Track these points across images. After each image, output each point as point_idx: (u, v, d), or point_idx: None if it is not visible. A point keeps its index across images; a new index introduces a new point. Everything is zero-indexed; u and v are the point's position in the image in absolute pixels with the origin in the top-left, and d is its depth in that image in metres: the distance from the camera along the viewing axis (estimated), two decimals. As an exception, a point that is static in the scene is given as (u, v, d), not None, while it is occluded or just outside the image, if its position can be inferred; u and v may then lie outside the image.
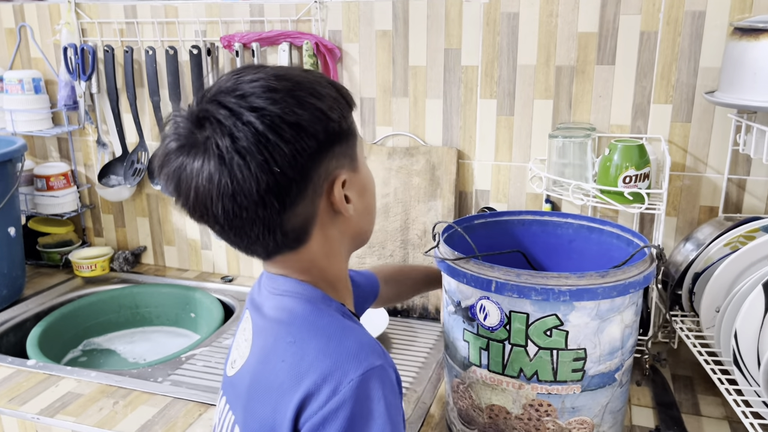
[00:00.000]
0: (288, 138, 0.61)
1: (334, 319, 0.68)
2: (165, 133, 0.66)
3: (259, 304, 0.74)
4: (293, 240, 0.68)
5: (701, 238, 1.18)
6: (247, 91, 0.62)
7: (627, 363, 0.95)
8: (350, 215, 0.70)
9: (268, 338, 0.69)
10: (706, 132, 1.28)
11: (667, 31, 1.26)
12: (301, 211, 0.66)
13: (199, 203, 0.63)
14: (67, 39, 1.62)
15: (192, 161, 0.62)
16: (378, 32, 1.43)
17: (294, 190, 0.64)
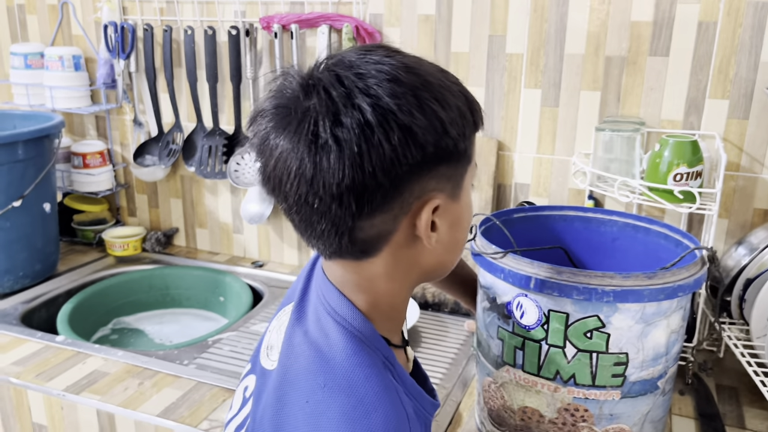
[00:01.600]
0: (394, 139, 0.54)
1: (372, 377, 0.60)
2: (270, 88, 0.60)
3: (304, 307, 0.67)
4: (359, 251, 0.60)
5: (755, 242, 1.11)
6: (370, 72, 0.56)
7: (671, 371, 0.90)
8: (431, 245, 0.61)
9: (300, 359, 0.62)
10: (765, 130, 1.21)
11: (728, 22, 1.18)
12: (378, 224, 0.58)
13: (275, 175, 0.57)
14: (108, 17, 1.62)
15: (282, 129, 0.56)
16: (420, 17, 1.39)
17: (378, 198, 0.56)
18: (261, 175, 0.60)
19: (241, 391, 0.72)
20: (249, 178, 1.57)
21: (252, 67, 1.53)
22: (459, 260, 0.70)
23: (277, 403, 0.61)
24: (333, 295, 0.64)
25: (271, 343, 0.69)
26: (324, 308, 0.64)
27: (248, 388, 0.70)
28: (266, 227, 1.67)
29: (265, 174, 0.59)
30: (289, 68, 0.60)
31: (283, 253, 1.68)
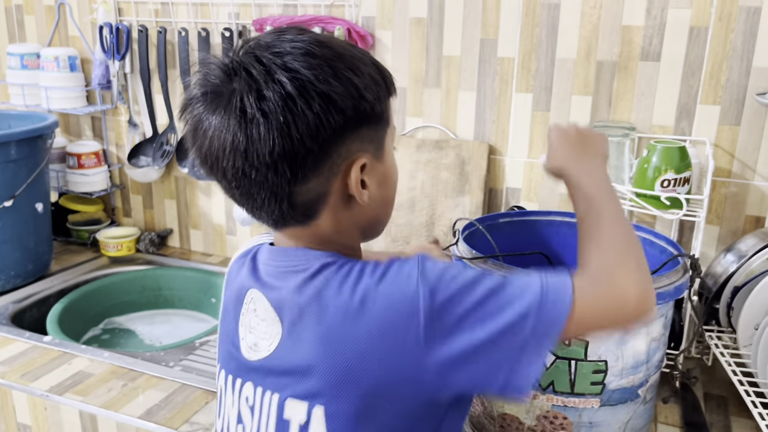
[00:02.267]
0: (315, 107, 0.59)
1: (363, 263, 0.65)
2: (195, 78, 0.64)
3: (271, 285, 0.67)
4: (301, 214, 0.65)
5: (744, 249, 1.10)
6: (286, 50, 0.60)
7: (652, 378, 0.89)
8: (364, 202, 0.66)
9: (313, 308, 0.63)
10: (756, 137, 1.19)
11: (719, 27, 1.17)
12: (313, 187, 0.63)
13: (211, 154, 0.62)
14: (104, 18, 1.62)
15: (212, 111, 0.61)
16: (412, 20, 1.39)
17: (309, 163, 0.61)
18: (197, 156, 0.64)
19: (244, 405, 0.69)
20: (241, 179, 1.57)
21: (245, 69, 1.52)
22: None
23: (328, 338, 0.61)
24: (296, 254, 0.67)
25: (254, 341, 0.68)
26: (296, 270, 0.66)
27: (249, 397, 0.68)
28: (260, 229, 1.67)
29: (201, 155, 0.64)
30: (209, 57, 0.64)
31: (276, 256, 1.67)
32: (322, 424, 0.61)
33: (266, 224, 0.68)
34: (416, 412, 0.62)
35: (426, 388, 0.60)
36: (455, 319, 0.59)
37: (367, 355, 0.60)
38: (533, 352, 0.60)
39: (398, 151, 1.44)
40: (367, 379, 0.60)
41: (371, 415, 0.61)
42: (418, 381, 0.60)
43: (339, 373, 0.60)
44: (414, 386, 0.60)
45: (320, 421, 0.62)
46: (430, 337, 0.59)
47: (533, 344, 0.60)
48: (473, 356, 0.59)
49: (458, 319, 0.59)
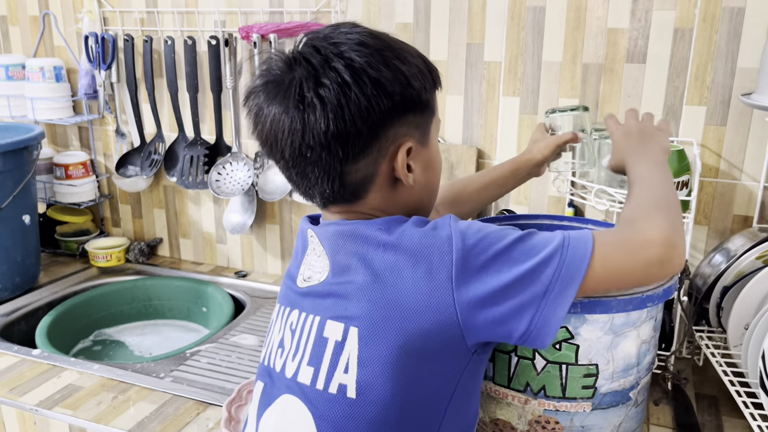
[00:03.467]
0: (367, 91, 0.66)
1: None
2: (260, 70, 0.71)
3: (323, 225, 0.75)
4: (350, 193, 0.71)
5: (732, 249, 1.10)
6: (342, 41, 0.67)
7: (643, 381, 0.89)
8: (410, 185, 0.72)
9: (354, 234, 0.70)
10: (743, 136, 1.20)
11: (704, 28, 1.18)
12: (363, 167, 0.69)
13: (271, 135, 0.69)
14: (89, 27, 1.61)
15: (273, 97, 0.68)
16: (399, 25, 1.39)
17: (360, 144, 0.67)
18: (258, 139, 0.72)
19: (287, 330, 0.75)
20: (230, 187, 1.57)
21: (232, 77, 1.52)
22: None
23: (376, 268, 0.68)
24: (344, 221, 0.73)
25: (309, 274, 0.75)
26: (346, 224, 0.72)
27: (293, 322, 0.74)
28: (249, 237, 1.66)
29: (262, 137, 0.71)
30: (272, 51, 0.73)
31: (267, 263, 1.67)
32: (355, 343, 0.66)
33: (317, 203, 0.74)
34: (441, 348, 0.66)
35: (452, 325, 0.64)
36: (483, 261, 0.65)
37: (400, 285, 0.65)
38: (557, 298, 0.64)
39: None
40: (399, 307, 0.65)
41: (400, 343, 0.65)
42: (446, 317, 0.64)
43: (373, 299, 0.66)
44: (441, 321, 0.64)
45: (354, 341, 0.67)
46: (460, 276, 0.64)
47: (557, 289, 0.64)
48: (500, 298, 0.64)
49: (486, 262, 0.65)
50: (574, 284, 0.64)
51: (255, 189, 1.57)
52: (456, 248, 0.65)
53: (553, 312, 0.64)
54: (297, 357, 0.71)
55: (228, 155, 1.58)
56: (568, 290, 0.65)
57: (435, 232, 0.67)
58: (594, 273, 0.65)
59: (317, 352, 0.69)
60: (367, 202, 0.72)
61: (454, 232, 0.66)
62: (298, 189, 0.74)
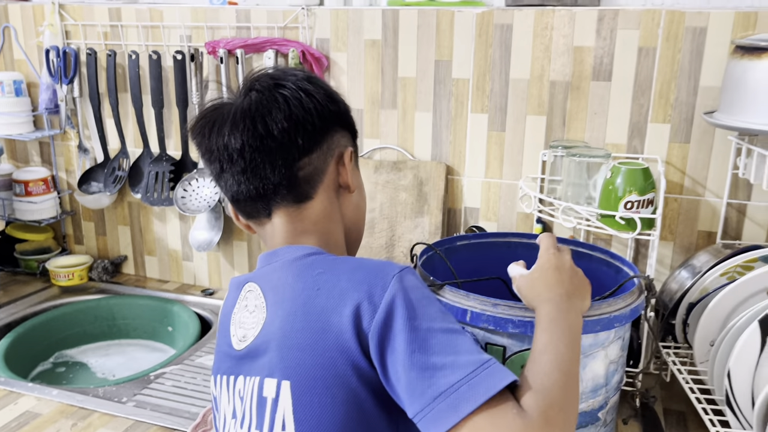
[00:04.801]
0: (320, 93, 0.75)
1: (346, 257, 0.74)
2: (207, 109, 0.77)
3: (262, 277, 0.75)
4: (301, 190, 0.74)
5: (697, 266, 1.11)
6: (287, 70, 0.77)
7: (612, 401, 0.89)
8: (351, 194, 0.79)
9: (288, 287, 0.70)
10: (706, 154, 1.22)
11: (667, 48, 1.20)
12: (314, 160, 0.74)
13: (227, 133, 0.73)
14: (50, 41, 1.58)
15: (233, 101, 0.75)
16: (367, 41, 1.38)
17: (314, 136, 0.73)
18: (209, 145, 0.75)
19: (237, 398, 0.72)
20: (196, 204, 1.54)
21: (198, 92, 1.50)
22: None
23: (291, 318, 0.67)
24: (286, 250, 0.74)
25: (243, 334, 0.73)
26: (286, 261, 0.73)
27: (241, 389, 0.71)
28: (216, 254, 1.64)
29: (215, 141, 0.74)
30: (214, 100, 0.78)
31: (234, 281, 1.64)
32: (288, 397, 0.65)
33: (262, 211, 0.76)
34: (367, 404, 0.64)
35: (364, 375, 0.63)
36: (406, 330, 0.61)
37: (321, 329, 0.64)
38: (447, 408, 0.57)
39: (356, 172, 1.43)
40: (318, 353, 0.64)
41: (327, 392, 0.63)
42: (358, 366, 0.63)
43: (294, 345, 0.65)
44: (354, 371, 0.63)
45: (287, 395, 0.65)
46: (379, 331, 0.62)
47: (449, 401, 0.57)
48: (400, 372, 0.60)
49: (408, 331, 0.61)
50: (465, 409, 0.57)
51: (222, 205, 1.55)
52: (386, 303, 0.63)
53: (437, 418, 0.57)
54: (245, 423, 0.69)
55: (194, 171, 1.55)
56: (460, 408, 0.57)
57: (373, 277, 0.65)
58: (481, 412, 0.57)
59: (260, 414, 0.67)
60: (313, 205, 0.75)
61: (393, 285, 0.64)
62: (245, 194, 0.74)
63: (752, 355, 0.88)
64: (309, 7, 1.40)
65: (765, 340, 0.87)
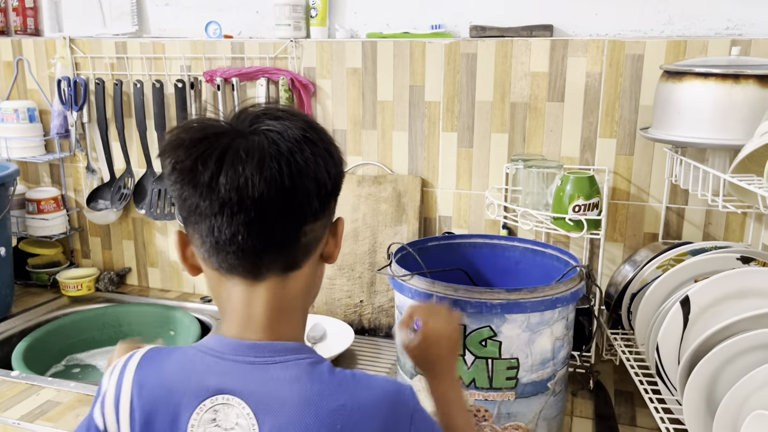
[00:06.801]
0: (337, 157, 0.70)
1: (348, 370, 0.68)
2: (188, 127, 0.66)
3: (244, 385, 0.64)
4: (292, 261, 0.67)
5: (638, 260, 1.27)
6: (311, 123, 0.69)
7: (559, 373, 1.04)
8: (326, 263, 0.73)
9: (297, 420, 0.62)
10: (647, 164, 1.38)
11: (610, 73, 1.37)
12: (317, 228, 0.68)
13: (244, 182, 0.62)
14: (62, 72, 1.73)
15: (246, 141, 0.63)
16: (349, 70, 1.55)
17: (326, 201, 0.68)
18: (223, 185, 0.62)
19: None
20: (196, 218, 1.68)
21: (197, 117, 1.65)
22: None
23: None
24: (264, 348, 0.66)
25: None
26: (272, 362, 0.65)
27: None
28: (214, 264, 1.78)
29: (227, 187, 0.62)
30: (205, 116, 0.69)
31: (231, 288, 1.78)
32: None
33: (246, 275, 0.66)
34: None
35: None
36: None
37: None
38: None
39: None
40: None
41: None
42: None
43: None
44: None
45: None
46: None
47: None
48: None
49: None
50: None
51: (219, 219, 1.69)
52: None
53: None
54: None
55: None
56: None
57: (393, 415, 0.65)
58: None
59: None
60: (299, 275, 0.69)
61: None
62: (238, 247, 0.64)
63: (677, 331, 1.03)
64: (297, 39, 1.57)
65: (687, 318, 1.03)
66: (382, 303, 1.54)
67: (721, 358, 0.93)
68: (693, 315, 1.02)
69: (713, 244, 1.20)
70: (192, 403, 0.65)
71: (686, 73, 1.13)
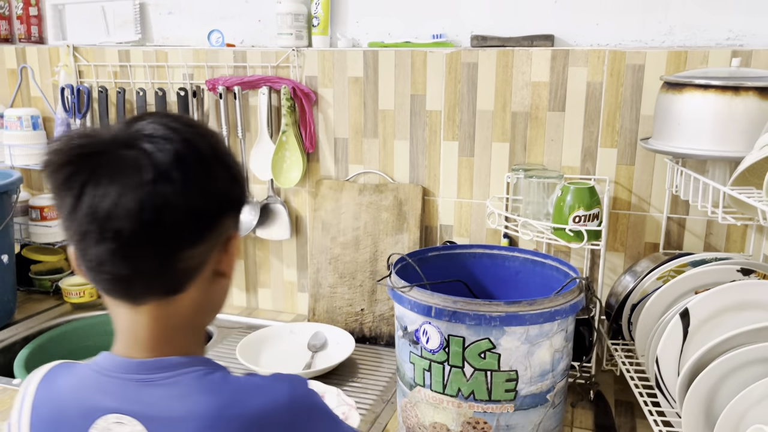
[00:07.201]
0: (222, 174, 0.65)
1: (241, 376, 0.67)
2: (67, 140, 0.63)
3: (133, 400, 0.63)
4: (173, 285, 0.64)
5: (639, 271, 1.27)
6: (188, 128, 0.66)
7: (559, 385, 1.04)
8: (219, 281, 0.68)
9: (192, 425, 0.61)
10: (648, 174, 1.38)
11: (611, 82, 1.37)
12: (199, 254, 0.64)
13: (102, 210, 0.59)
14: (65, 80, 1.74)
15: (110, 171, 0.60)
16: (351, 78, 1.55)
17: (207, 225, 0.64)
18: (78, 218, 0.59)
19: None
20: (198, 226, 1.69)
21: (199, 125, 1.66)
22: None
23: None
24: (155, 364, 0.64)
25: None
26: (159, 380, 0.64)
27: None
28: (216, 271, 1.78)
29: (86, 215, 0.59)
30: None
31: (232, 296, 1.79)
32: None
33: (126, 299, 0.64)
34: None
35: None
36: None
37: None
38: None
39: (343, 195, 1.59)
40: None
41: None
42: None
43: None
44: None
45: None
46: None
47: None
48: None
49: None
50: None
51: (221, 227, 1.70)
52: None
53: None
54: None
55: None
56: None
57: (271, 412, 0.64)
58: None
59: None
60: (185, 297, 0.65)
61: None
62: (109, 274, 0.61)
63: (676, 343, 1.03)
64: (299, 48, 1.57)
65: (686, 330, 1.02)
66: (383, 311, 1.54)
67: (720, 371, 0.93)
68: (692, 327, 1.02)
69: (714, 256, 1.20)
70: (85, 424, 0.64)
71: (686, 84, 1.13)
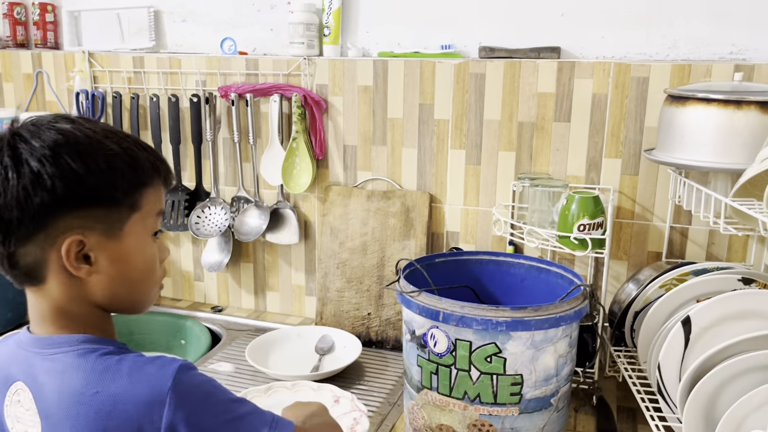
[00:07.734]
0: (25, 182, 0.67)
1: (120, 357, 0.71)
2: None
3: (28, 371, 0.72)
4: (27, 276, 0.71)
5: (642, 279, 1.30)
6: (41, 131, 0.69)
7: (563, 390, 1.07)
8: (84, 278, 0.71)
9: (63, 404, 0.69)
10: (652, 184, 1.41)
11: (616, 94, 1.40)
12: (32, 252, 0.69)
13: None
14: (80, 85, 1.78)
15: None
16: (360, 87, 1.59)
17: (22, 230, 0.68)
18: None
19: None
20: (209, 229, 1.72)
21: (211, 131, 1.70)
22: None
23: None
24: (47, 341, 0.72)
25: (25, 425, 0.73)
26: (48, 354, 0.72)
27: None
28: (225, 274, 1.82)
29: None
30: None
31: (241, 299, 1.82)
32: None
33: (16, 282, 0.73)
34: None
35: None
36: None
37: None
38: None
39: (351, 201, 1.62)
40: None
41: None
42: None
43: None
44: None
45: None
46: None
47: None
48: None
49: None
50: None
51: (231, 230, 1.73)
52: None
53: None
54: None
55: (207, 200, 1.74)
56: None
57: (149, 394, 0.68)
58: None
59: None
60: (49, 287, 0.71)
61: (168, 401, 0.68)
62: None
63: (678, 350, 1.06)
64: (310, 57, 1.61)
65: (688, 338, 1.05)
66: (390, 316, 1.57)
67: (720, 378, 0.95)
68: (694, 335, 1.04)
69: (715, 265, 1.22)
70: (4, 388, 0.74)
71: (689, 98, 1.16)
